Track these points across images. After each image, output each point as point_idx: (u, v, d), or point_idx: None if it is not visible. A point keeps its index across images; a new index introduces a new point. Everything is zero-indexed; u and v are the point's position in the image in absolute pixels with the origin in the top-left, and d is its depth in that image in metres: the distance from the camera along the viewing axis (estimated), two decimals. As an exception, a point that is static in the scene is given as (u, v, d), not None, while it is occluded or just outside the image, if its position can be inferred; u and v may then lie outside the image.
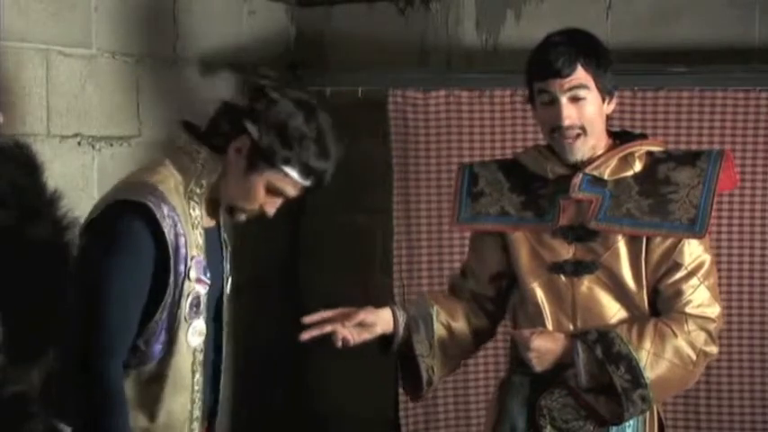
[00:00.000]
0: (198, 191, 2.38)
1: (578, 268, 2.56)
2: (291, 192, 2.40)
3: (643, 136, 2.67)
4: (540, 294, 2.58)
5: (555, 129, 2.52)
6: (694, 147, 3.32)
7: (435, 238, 3.55)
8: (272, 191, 2.38)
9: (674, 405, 3.35)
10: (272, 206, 2.42)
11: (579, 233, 2.57)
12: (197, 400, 2.41)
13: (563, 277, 2.57)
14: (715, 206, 3.24)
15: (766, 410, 3.36)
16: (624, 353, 2.46)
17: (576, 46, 2.52)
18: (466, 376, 3.56)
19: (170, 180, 2.35)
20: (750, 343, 3.35)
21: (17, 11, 2.85)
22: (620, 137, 2.64)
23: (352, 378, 3.93)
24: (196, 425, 2.42)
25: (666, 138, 3.35)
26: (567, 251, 2.58)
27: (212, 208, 2.47)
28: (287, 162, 2.34)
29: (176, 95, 3.45)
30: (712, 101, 3.33)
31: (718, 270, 3.31)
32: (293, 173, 2.36)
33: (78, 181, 3.08)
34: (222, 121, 2.39)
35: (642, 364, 2.45)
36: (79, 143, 3.09)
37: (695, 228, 2.51)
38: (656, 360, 2.46)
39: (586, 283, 2.56)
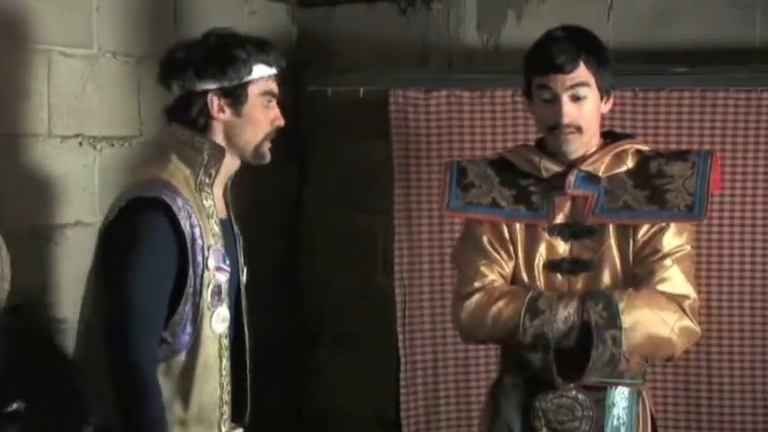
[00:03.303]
0: (207, 180, 2.44)
1: (575, 266, 2.57)
2: (274, 87, 2.51)
3: (631, 136, 2.70)
4: None
5: (554, 126, 2.53)
6: (695, 147, 3.32)
7: (437, 238, 3.54)
8: (265, 101, 2.49)
9: (675, 405, 3.35)
10: (278, 116, 2.52)
11: (575, 230, 2.58)
12: (225, 385, 2.46)
13: (560, 276, 2.58)
14: (714, 206, 3.29)
15: (767, 410, 3.35)
16: (605, 294, 2.50)
17: (579, 42, 2.54)
18: (467, 376, 3.56)
19: (179, 174, 2.42)
20: (751, 343, 3.35)
21: (18, 11, 2.86)
22: (608, 136, 2.66)
23: (352, 378, 3.93)
24: (226, 408, 2.47)
25: (667, 138, 3.35)
26: (563, 249, 2.59)
27: (222, 199, 2.54)
28: (252, 70, 2.45)
29: (177, 96, 3.45)
30: (713, 101, 3.33)
31: (719, 270, 3.34)
32: (263, 71, 2.47)
33: (79, 181, 3.09)
34: (189, 106, 2.46)
35: (621, 306, 2.47)
36: (80, 143, 3.09)
37: (694, 212, 2.54)
38: (632, 306, 2.48)
39: (583, 281, 2.57)
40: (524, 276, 2.61)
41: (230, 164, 2.50)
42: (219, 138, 2.46)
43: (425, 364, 3.57)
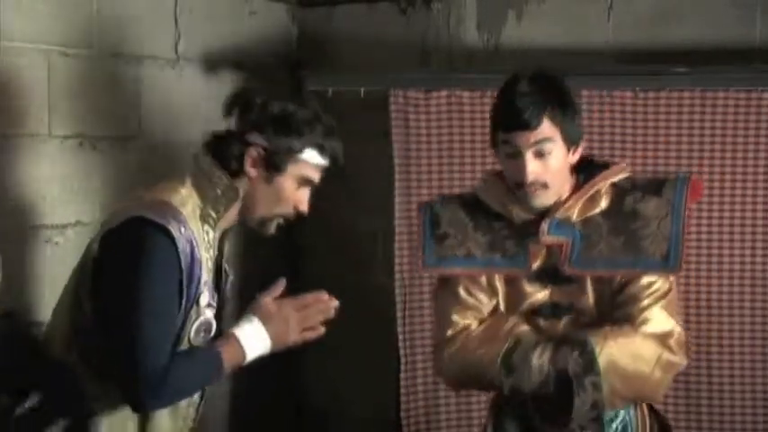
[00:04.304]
0: (213, 215, 2.38)
1: (556, 311, 2.56)
2: (316, 177, 2.45)
3: (605, 165, 2.61)
4: None
5: (519, 183, 2.48)
6: (696, 147, 3.33)
7: (437, 238, 3.54)
8: (300, 183, 2.43)
9: (675, 405, 3.35)
10: (304, 201, 2.46)
11: (553, 276, 2.55)
12: (188, 416, 2.46)
13: (542, 321, 2.57)
14: (715, 206, 3.30)
15: (767, 410, 3.36)
16: (580, 339, 2.47)
17: (543, 95, 2.45)
18: (467, 376, 3.56)
19: (189, 202, 2.35)
20: (751, 343, 3.35)
21: (18, 11, 2.86)
22: (583, 169, 2.58)
23: (352, 378, 3.93)
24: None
25: (668, 138, 3.35)
26: (542, 294, 2.57)
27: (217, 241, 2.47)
28: (304, 150, 2.39)
29: (177, 96, 3.46)
30: (713, 101, 3.33)
31: (719, 270, 3.34)
32: (313, 157, 2.41)
33: (80, 181, 3.09)
34: (229, 145, 2.39)
35: (597, 350, 2.44)
36: (80, 144, 3.09)
37: (669, 263, 2.50)
38: (607, 349, 2.45)
39: (566, 323, 2.55)
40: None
41: (233, 215, 2.43)
42: (240, 190, 2.39)
43: (425, 364, 3.56)
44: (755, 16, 3.45)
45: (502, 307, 2.61)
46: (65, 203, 3.04)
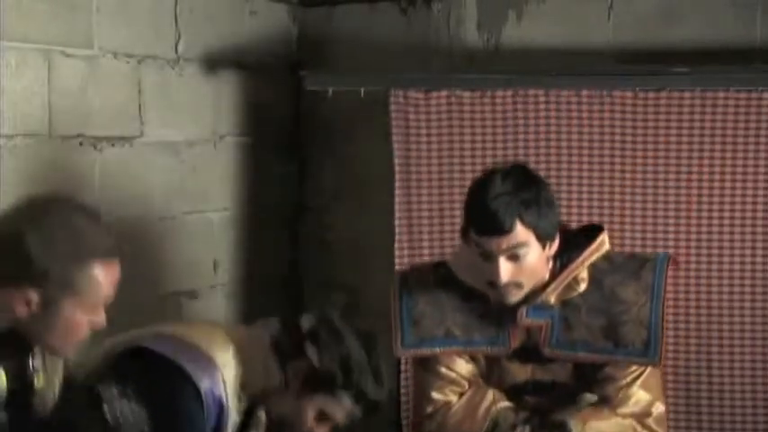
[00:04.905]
0: (248, 388, 2.37)
1: (538, 388, 2.57)
2: (341, 417, 2.41)
3: (585, 237, 2.57)
4: None
5: (492, 283, 2.46)
6: (695, 147, 3.33)
7: (437, 239, 3.54)
8: (322, 415, 2.40)
9: (675, 405, 3.35)
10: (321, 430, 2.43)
11: (534, 355, 2.55)
12: None
13: (524, 398, 2.58)
14: (715, 206, 3.30)
15: (767, 410, 3.36)
16: (559, 423, 2.49)
17: (517, 195, 2.40)
18: (467, 377, 3.56)
19: (232, 366, 2.34)
20: (751, 343, 3.35)
21: (18, 11, 2.86)
22: (562, 250, 2.53)
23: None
24: None
25: (668, 138, 3.35)
26: (524, 372, 2.58)
27: None
28: (343, 390, 2.37)
29: (178, 96, 3.46)
30: (713, 102, 3.33)
31: (719, 270, 3.34)
32: (348, 400, 2.38)
33: (80, 182, 3.09)
34: (288, 344, 2.41)
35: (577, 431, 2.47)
36: (81, 144, 3.09)
37: (649, 352, 2.50)
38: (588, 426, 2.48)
39: (547, 401, 2.56)
40: None
41: None
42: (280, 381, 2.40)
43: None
44: (755, 16, 3.46)
45: (484, 375, 2.61)
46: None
